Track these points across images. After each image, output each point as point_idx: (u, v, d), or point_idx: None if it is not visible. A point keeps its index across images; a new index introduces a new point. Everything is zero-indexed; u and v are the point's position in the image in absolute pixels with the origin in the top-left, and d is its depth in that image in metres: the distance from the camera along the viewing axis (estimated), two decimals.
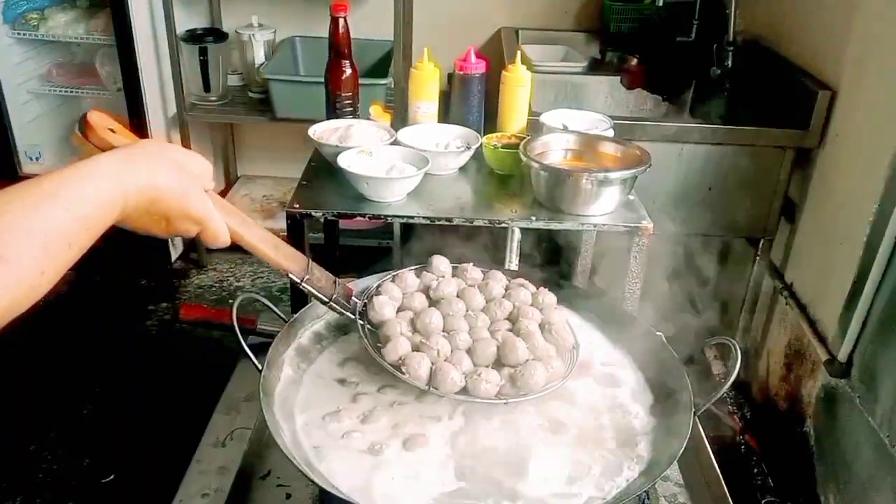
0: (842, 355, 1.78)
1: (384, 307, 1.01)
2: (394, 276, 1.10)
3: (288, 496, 1.01)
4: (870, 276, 1.69)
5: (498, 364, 0.97)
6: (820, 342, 1.90)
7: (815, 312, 1.98)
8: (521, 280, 1.13)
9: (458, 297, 1.06)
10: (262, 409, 0.88)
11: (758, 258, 2.23)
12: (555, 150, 1.54)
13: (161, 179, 0.73)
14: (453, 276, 1.11)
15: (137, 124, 2.84)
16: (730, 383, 0.88)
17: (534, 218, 1.42)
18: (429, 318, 1.00)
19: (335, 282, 0.99)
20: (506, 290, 1.10)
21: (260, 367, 0.93)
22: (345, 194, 1.45)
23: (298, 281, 0.92)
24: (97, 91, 2.99)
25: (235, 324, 0.94)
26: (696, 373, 0.97)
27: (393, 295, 1.04)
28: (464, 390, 0.93)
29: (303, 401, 0.98)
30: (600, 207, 1.43)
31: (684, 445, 0.82)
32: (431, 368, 0.93)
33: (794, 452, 1.99)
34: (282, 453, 0.83)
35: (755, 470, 2.06)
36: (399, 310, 1.04)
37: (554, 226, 1.44)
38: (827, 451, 1.86)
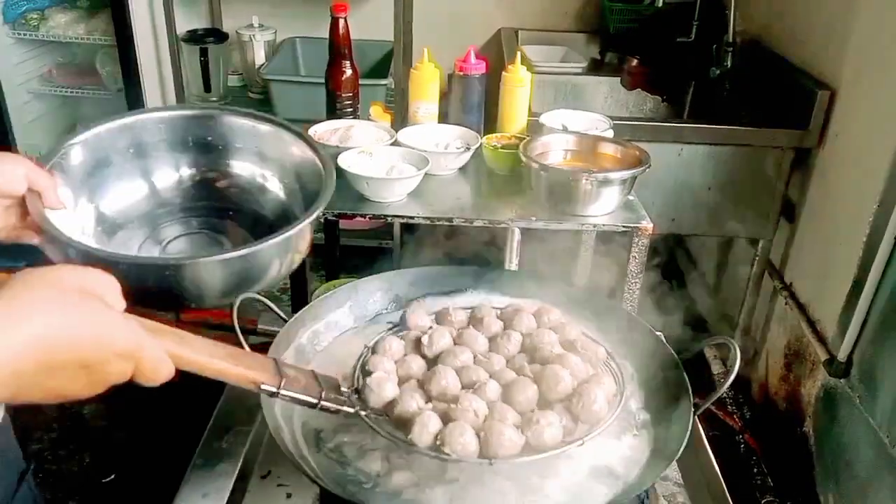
0: (841, 355, 1.78)
1: (383, 385, 0.86)
2: (373, 347, 0.97)
3: (288, 496, 1.01)
4: (869, 275, 1.69)
5: (543, 403, 0.84)
6: (819, 342, 1.90)
7: (815, 312, 1.98)
8: (513, 304, 1.02)
9: (456, 345, 0.93)
10: (263, 408, 0.88)
11: (757, 258, 2.23)
12: (554, 151, 1.54)
13: (56, 322, 0.54)
14: (437, 324, 0.98)
15: None
16: (729, 383, 0.88)
17: (534, 218, 1.43)
18: (444, 379, 0.85)
19: (315, 375, 0.82)
20: (502, 321, 0.99)
21: None
22: (345, 194, 1.45)
23: (274, 390, 0.75)
24: (97, 91, 3.00)
25: (236, 324, 0.94)
26: (695, 373, 0.97)
27: (386, 368, 0.90)
28: (526, 446, 0.78)
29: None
30: (600, 208, 1.43)
31: (684, 445, 0.82)
32: (479, 436, 0.78)
33: (794, 452, 1.99)
34: (281, 453, 0.83)
35: (755, 470, 2.06)
36: (399, 383, 0.89)
37: (553, 226, 1.44)
38: (826, 450, 1.86)
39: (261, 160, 1.18)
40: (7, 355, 0.52)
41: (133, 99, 2.80)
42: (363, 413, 0.84)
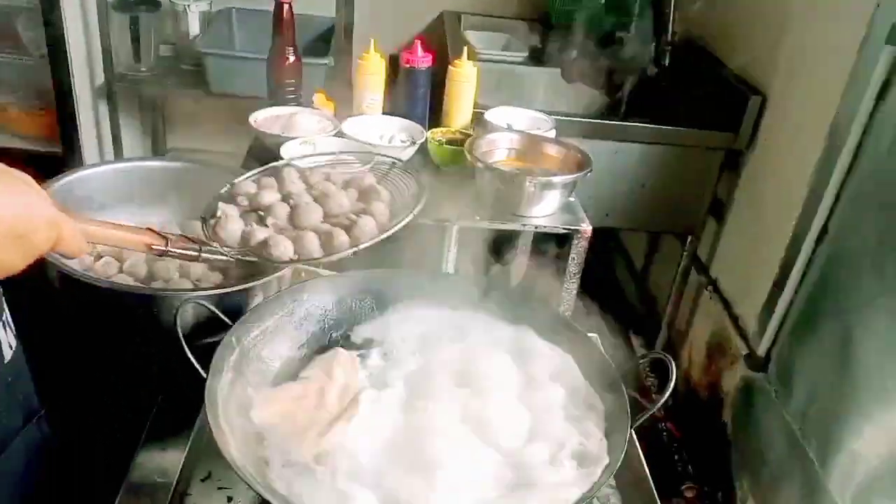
0: (761, 350, 1.87)
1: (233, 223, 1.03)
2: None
3: (230, 499, 1.01)
4: (790, 276, 1.78)
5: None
6: (741, 337, 1.99)
7: (738, 308, 2.07)
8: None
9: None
10: (208, 415, 0.87)
11: (685, 253, 2.31)
12: (499, 149, 1.56)
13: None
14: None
15: (63, 94, 2.71)
16: (665, 398, 0.90)
17: (477, 217, 1.44)
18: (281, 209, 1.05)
19: (188, 237, 1.00)
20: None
21: (204, 374, 0.91)
22: None
23: (164, 249, 0.94)
24: (17, 57, 2.82)
25: (179, 331, 0.92)
26: (629, 382, 1.00)
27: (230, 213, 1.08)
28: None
29: (246, 404, 0.97)
30: (542, 209, 1.45)
31: (621, 460, 0.85)
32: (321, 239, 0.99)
33: (713, 440, 2.09)
34: (221, 456, 0.82)
35: (676, 457, 2.16)
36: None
37: (496, 226, 1.46)
38: (743, 439, 1.96)
39: None
40: None
41: (57, 67, 2.66)
42: (230, 251, 1.00)
